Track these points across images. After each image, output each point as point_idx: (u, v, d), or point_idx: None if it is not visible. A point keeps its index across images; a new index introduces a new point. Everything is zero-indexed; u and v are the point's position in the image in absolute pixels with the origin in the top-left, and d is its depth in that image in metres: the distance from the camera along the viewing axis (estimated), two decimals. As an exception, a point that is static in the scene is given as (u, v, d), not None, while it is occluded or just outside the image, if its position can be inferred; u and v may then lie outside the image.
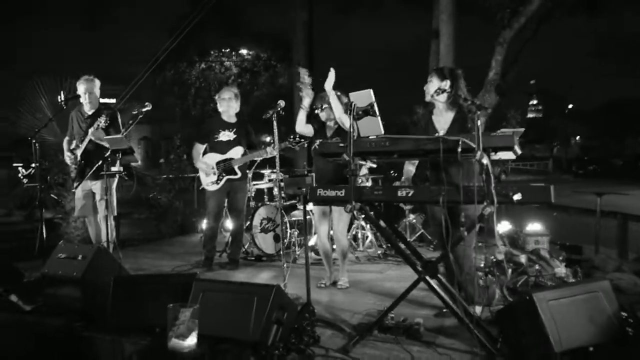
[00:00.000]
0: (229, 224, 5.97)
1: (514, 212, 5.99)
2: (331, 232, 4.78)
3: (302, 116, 4.54)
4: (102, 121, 4.75)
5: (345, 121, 3.86)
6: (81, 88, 5.01)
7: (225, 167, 5.31)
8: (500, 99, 8.12)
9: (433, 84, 3.55)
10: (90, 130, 4.82)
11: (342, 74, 4.32)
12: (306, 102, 4.44)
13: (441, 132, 3.48)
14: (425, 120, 3.69)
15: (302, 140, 4.96)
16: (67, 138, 5.18)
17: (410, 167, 3.82)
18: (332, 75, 4.15)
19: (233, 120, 5.44)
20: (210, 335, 2.85)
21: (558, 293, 2.79)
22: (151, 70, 9.56)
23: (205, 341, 2.79)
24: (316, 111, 4.57)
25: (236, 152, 5.33)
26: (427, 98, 3.61)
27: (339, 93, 4.28)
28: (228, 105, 5.37)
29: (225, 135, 5.36)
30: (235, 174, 5.32)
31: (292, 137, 4.95)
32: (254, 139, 5.54)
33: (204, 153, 5.48)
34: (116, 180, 4.93)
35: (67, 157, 5.09)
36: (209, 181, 5.37)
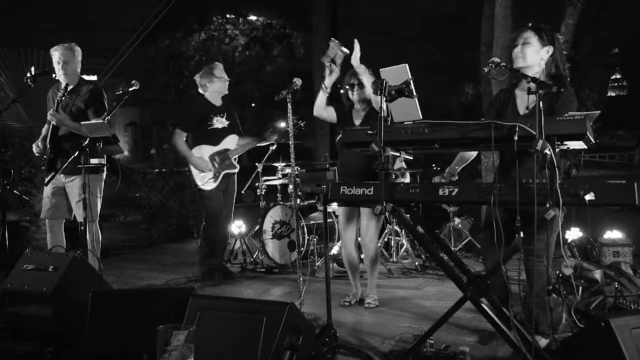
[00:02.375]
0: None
1: (587, 216, 5.90)
2: (358, 239, 4.79)
3: (321, 98, 4.55)
4: (81, 93, 4.76)
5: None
6: (55, 55, 4.91)
7: (222, 160, 5.48)
8: (572, 74, 7.96)
9: (532, 48, 3.41)
10: (51, 111, 4.78)
11: (373, 44, 4.30)
12: (329, 81, 4.44)
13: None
14: (503, 98, 3.62)
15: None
16: (46, 125, 5.07)
17: (457, 166, 3.77)
18: (357, 48, 4.20)
19: (220, 102, 5.61)
20: (209, 363, 2.87)
21: (645, 319, 2.73)
22: (140, 41, 9.66)
23: (202, 371, 2.81)
24: (341, 90, 4.57)
25: (231, 142, 5.53)
26: (520, 63, 3.41)
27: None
28: (224, 86, 5.55)
29: (220, 122, 5.51)
30: (234, 167, 5.54)
31: (271, 129, 5.43)
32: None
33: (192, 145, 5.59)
34: (103, 176, 4.94)
35: (35, 146, 4.98)
36: (207, 179, 5.45)
